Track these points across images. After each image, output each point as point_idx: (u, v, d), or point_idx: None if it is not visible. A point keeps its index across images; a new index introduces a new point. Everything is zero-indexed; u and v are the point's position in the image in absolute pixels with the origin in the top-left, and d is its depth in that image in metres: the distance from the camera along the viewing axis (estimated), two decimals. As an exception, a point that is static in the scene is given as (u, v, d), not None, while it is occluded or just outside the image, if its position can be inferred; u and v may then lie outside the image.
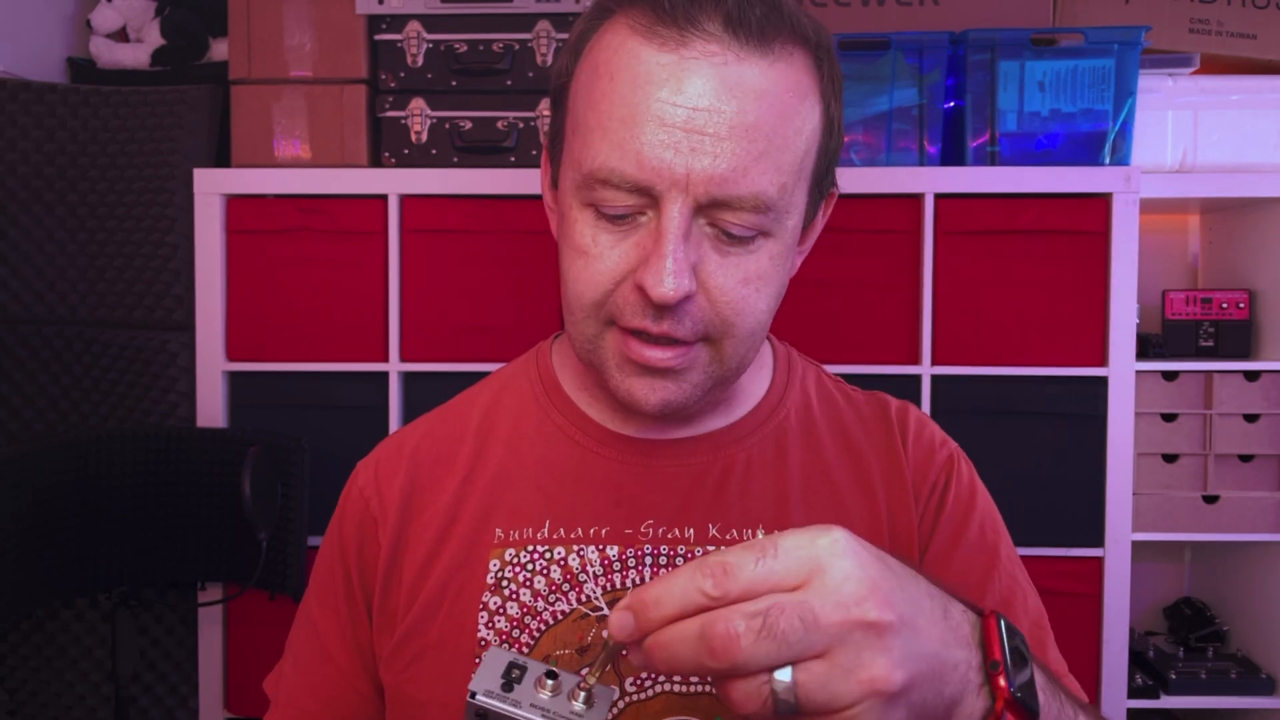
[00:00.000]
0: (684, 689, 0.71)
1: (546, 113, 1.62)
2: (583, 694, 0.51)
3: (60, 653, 1.68)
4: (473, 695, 0.51)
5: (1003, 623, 0.52)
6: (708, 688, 0.71)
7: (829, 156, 0.72)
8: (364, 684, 0.80)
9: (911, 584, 0.50)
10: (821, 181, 0.73)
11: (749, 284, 0.68)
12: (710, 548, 0.74)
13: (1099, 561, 1.59)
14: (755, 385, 0.82)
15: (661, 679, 0.72)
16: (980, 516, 0.80)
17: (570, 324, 0.72)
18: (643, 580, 0.73)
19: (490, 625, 0.72)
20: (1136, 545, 1.61)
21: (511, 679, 0.51)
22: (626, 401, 0.71)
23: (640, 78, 0.65)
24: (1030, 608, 0.78)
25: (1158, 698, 1.66)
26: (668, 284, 0.64)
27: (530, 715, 0.50)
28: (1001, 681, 0.50)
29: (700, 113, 0.64)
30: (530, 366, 0.84)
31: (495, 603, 0.73)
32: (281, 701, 0.82)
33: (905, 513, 0.78)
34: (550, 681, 0.52)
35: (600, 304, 0.69)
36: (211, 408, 1.64)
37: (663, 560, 0.74)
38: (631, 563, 0.73)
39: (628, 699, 0.72)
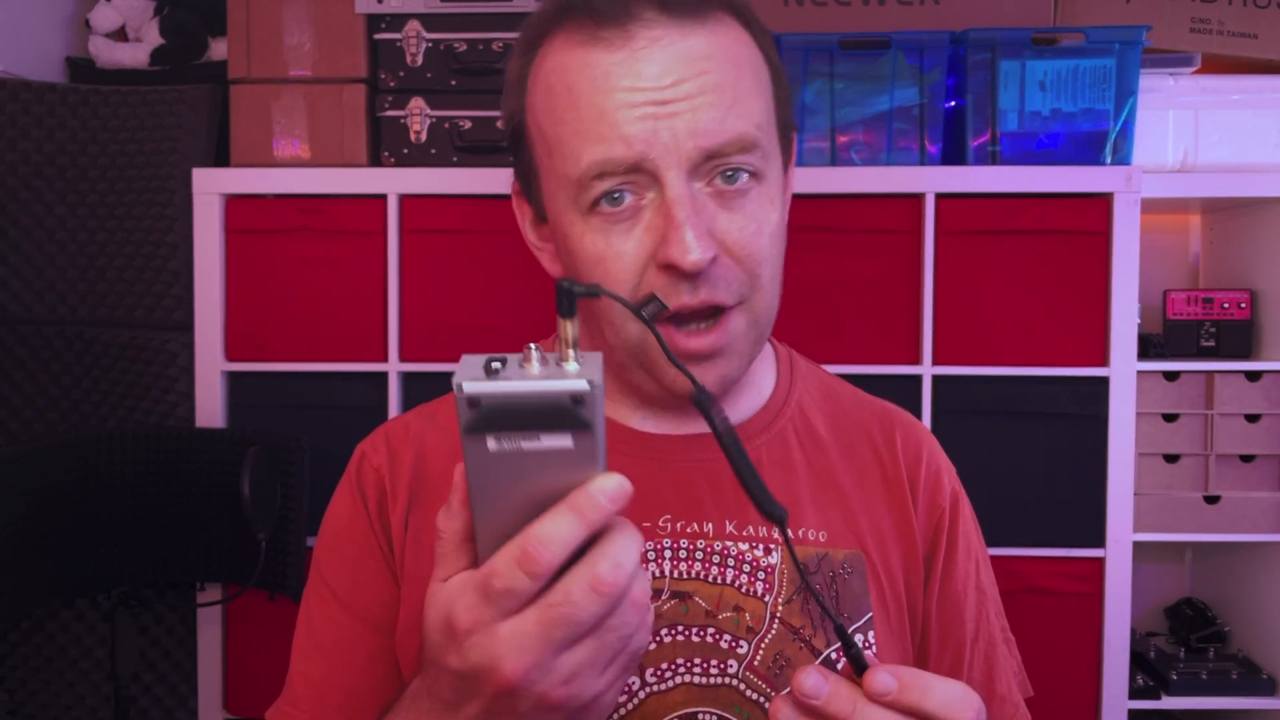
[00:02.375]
0: (704, 680, 0.72)
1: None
2: (571, 358, 0.47)
3: (60, 653, 1.67)
4: (459, 386, 0.45)
5: None
6: (728, 680, 0.72)
7: (784, 104, 0.75)
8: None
9: None
10: (784, 128, 0.76)
11: (761, 233, 0.70)
12: (729, 543, 0.74)
13: (1100, 562, 1.59)
14: (761, 381, 0.82)
15: (681, 670, 0.72)
16: (974, 553, 0.83)
17: (611, 334, 0.72)
18: (662, 572, 0.73)
19: None
20: (1137, 545, 1.60)
21: (493, 369, 0.46)
22: (683, 390, 0.70)
23: (599, 79, 0.67)
24: (995, 636, 0.83)
25: (1159, 698, 1.66)
26: (695, 251, 0.65)
27: (523, 384, 0.45)
28: None
29: (665, 89, 0.66)
30: None
31: None
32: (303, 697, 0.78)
33: (907, 525, 0.80)
34: (536, 354, 0.47)
35: (631, 300, 0.69)
36: (211, 408, 1.64)
37: (682, 554, 0.74)
38: (651, 555, 0.74)
39: (648, 689, 0.72)
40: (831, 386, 0.86)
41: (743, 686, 0.72)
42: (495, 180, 1.61)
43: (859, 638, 0.74)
